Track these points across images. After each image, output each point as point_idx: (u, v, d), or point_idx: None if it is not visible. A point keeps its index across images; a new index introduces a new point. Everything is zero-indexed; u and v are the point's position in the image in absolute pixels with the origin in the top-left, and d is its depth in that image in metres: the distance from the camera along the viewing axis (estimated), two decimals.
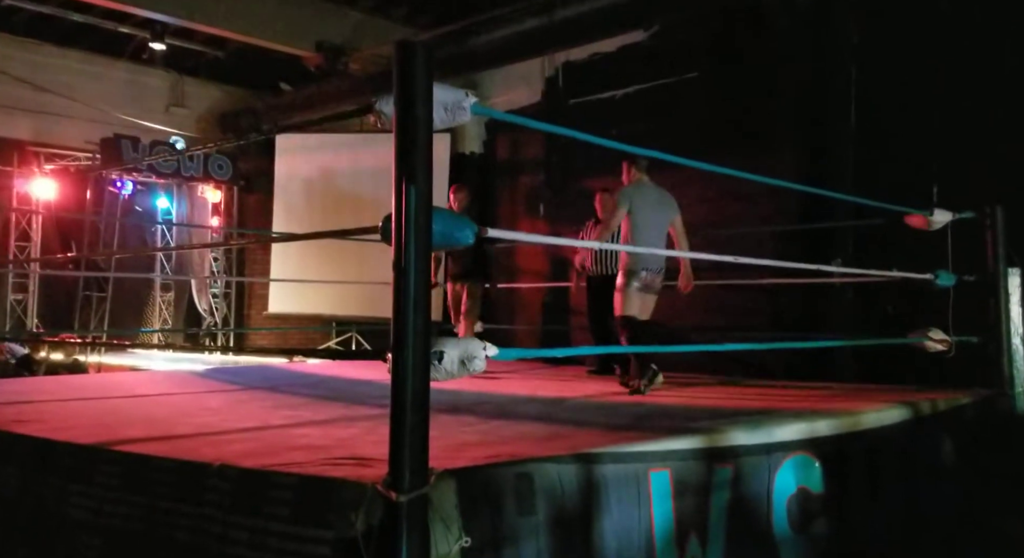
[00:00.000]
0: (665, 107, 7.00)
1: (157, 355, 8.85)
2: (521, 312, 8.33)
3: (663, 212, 4.76)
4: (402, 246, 1.96)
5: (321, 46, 8.50)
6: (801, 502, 2.88)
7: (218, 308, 10.66)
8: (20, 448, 2.85)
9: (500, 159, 8.78)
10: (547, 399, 4.24)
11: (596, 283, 5.82)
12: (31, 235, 9.38)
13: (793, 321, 6.24)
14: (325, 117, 3.37)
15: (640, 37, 7.33)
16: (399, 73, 2.01)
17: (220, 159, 10.14)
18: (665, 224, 4.76)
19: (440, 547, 1.87)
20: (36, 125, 9.20)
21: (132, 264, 10.69)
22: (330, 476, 2.03)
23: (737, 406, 3.80)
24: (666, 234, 4.78)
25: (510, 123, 8.01)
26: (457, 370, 2.03)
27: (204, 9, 7.89)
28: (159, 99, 10.26)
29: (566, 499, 2.20)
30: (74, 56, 9.45)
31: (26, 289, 9.38)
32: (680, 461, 2.54)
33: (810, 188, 4.69)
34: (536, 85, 8.21)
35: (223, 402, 4.18)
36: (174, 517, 2.29)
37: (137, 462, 2.46)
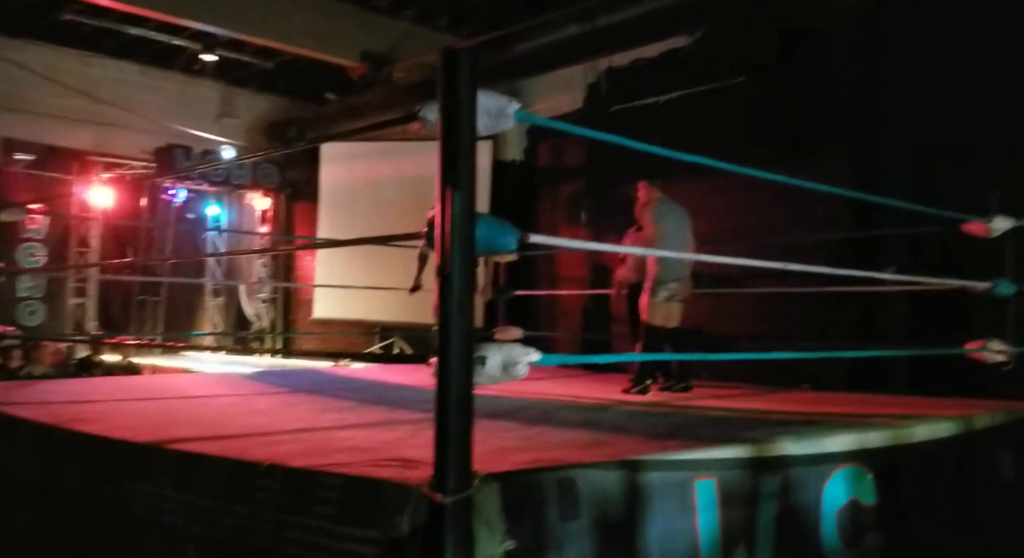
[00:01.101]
0: (710, 112, 6.93)
1: (208, 358, 9.07)
2: (562, 319, 8.31)
3: (686, 225, 5.07)
4: (446, 252, 1.98)
5: (366, 56, 8.64)
6: (852, 515, 2.82)
7: (266, 313, 10.87)
8: (81, 446, 2.95)
9: (541, 166, 8.79)
10: (589, 406, 4.23)
11: (636, 291, 5.78)
12: (90, 241, 9.70)
13: (844, 330, 6.10)
14: (371, 125, 3.47)
15: (684, 42, 7.27)
16: (444, 80, 2.03)
17: (268, 168, 10.37)
18: (689, 236, 5.07)
19: (484, 550, 1.87)
20: (95, 135, 9.54)
21: (184, 270, 10.98)
22: (376, 477, 2.06)
23: (784, 416, 3.73)
24: (688, 245, 5.03)
25: (551, 130, 8.01)
26: (500, 375, 2.04)
27: (254, 21, 8.09)
28: (210, 109, 10.53)
29: (610, 505, 2.19)
30: (130, 69, 9.77)
31: (85, 293, 9.70)
32: (726, 470, 2.51)
33: (863, 195, 4.59)
34: (578, 92, 8.20)
35: (271, 404, 4.26)
36: (224, 515, 2.34)
37: (190, 461, 2.53)
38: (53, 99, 9.10)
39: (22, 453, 3.28)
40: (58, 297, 9.46)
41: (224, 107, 10.64)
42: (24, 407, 3.70)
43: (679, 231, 4.98)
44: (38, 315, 9.14)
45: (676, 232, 4.93)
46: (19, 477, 3.26)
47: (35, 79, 8.92)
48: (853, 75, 6.25)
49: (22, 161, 9.22)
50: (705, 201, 6.76)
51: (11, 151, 9.13)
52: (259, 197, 10.70)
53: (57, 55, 9.19)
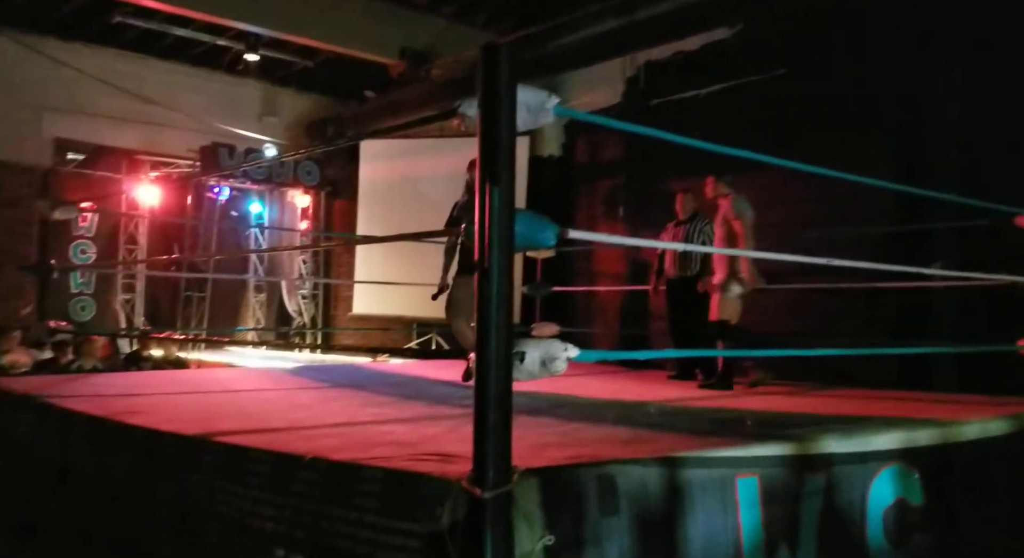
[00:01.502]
0: (751, 105, 6.83)
1: (251, 353, 9.24)
2: (599, 315, 8.28)
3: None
4: (485, 248, 1.98)
5: (405, 53, 8.70)
6: (898, 515, 2.76)
7: (306, 309, 11.03)
8: (132, 438, 3.03)
9: (579, 161, 8.75)
10: (627, 402, 4.20)
11: (676, 286, 5.72)
12: (138, 238, 9.95)
13: (890, 326, 5.97)
14: (410, 122, 3.56)
15: (725, 34, 7.16)
16: (483, 75, 2.04)
17: (309, 165, 10.51)
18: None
19: (524, 544, 1.88)
20: (143, 135, 9.78)
21: (228, 266, 11.20)
22: (416, 471, 2.08)
23: (828, 413, 3.67)
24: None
25: (589, 125, 7.96)
26: (538, 371, 2.04)
27: (295, 20, 8.20)
28: (253, 108, 10.72)
29: (650, 502, 2.17)
30: (176, 69, 9.99)
31: (134, 289, 9.96)
32: (769, 468, 2.47)
33: (910, 188, 4.48)
34: (616, 86, 8.15)
35: (312, 398, 4.33)
36: (269, 506, 2.39)
37: (237, 453, 2.58)
38: (103, 99, 9.35)
39: (76, 444, 3.38)
40: (107, 293, 9.73)
41: (266, 106, 10.82)
42: (77, 400, 3.82)
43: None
44: (89, 310, 9.41)
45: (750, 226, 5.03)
46: (73, 468, 3.37)
47: (86, 80, 9.18)
48: (897, 65, 6.10)
49: (73, 161, 9.50)
50: (747, 195, 6.67)
51: (63, 151, 9.41)
52: (300, 194, 10.85)
53: (107, 57, 9.44)
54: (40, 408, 3.78)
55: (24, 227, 8.62)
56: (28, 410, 3.87)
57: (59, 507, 3.46)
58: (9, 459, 4.00)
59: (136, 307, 9.93)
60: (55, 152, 9.32)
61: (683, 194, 5.86)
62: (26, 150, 9.07)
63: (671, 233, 5.81)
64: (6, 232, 7.77)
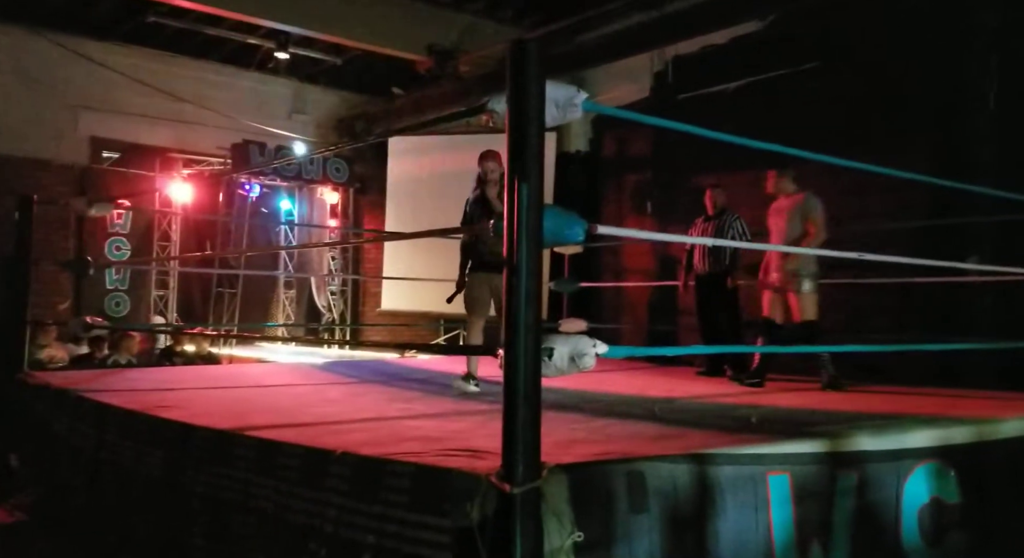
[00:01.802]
0: (781, 99, 6.73)
1: (281, 348, 9.34)
2: (627, 311, 8.23)
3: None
4: (514, 244, 1.98)
5: (432, 50, 8.71)
6: (934, 513, 2.72)
7: (335, 305, 11.13)
8: (166, 432, 3.09)
9: (606, 157, 8.70)
10: (655, 399, 4.18)
11: (705, 282, 5.67)
12: (171, 235, 10.11)
13: (923, 322, 5.86)
14: (439, 118, 3.56)
15: (755, 27, 7.07)
16: (512, 71, 2.03)
17: (337, 162, 10.58)
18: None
19: (553, 540, 1.88)
20: (175, 133, 9.92)
21: (259, 262, 11.32)
22: (446, 466, 2.09)
23: (861, 410, 3.62)
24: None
25: (616, 120, 7.92)
26: (567, 367, 2.04)
27: (325, 18, 8.25)
28: (282, 106, 10.82)
29: (680, 499, 2.16)
30: (208, 68, 10.11)
31: (167, 285, 10.13)
32: (800, 465, 2.45)
33: (946, 181, 4.39)
34: (644, 81, 8.09)
35: (342, 394, 4.37)
36: (299, 500, 2.41)
37: (268, 447, 2.62)
38: (137, 98, 9.51)
39: (111, 438, 3.45)
40: (141, 289, 9.90)
41: (296, 103, 10.92)
42: (112, 394, 3.90)
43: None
44: (123, 306, 9.59)
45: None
46: (108, 461, 3.44)
47: (121, 80, 9.34)
48: (933, 57, 5.97)
49: (108, 159, 9.68)
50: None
51: (99, 149, 9.59)
52: (329, 191, 10.94)
53: (141, 56, 9.59)
54: (76, 402, 3.86)
55: (61, 224, 8.82)
56: (65, 404, 3.96)
57: (95, 499, 3.53)
58: (46, 451, 4.10)
59: (169, 303, 10.09)
60: (91, 150, 9.50)
61: (713, 189, 5.81)
62: (63, 149, 9.26)
63: (700, 228, 5.76)
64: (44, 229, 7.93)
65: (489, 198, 4.55)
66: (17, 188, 6.93)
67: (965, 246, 5.47)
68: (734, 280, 5.60)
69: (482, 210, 4.58)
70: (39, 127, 9.07)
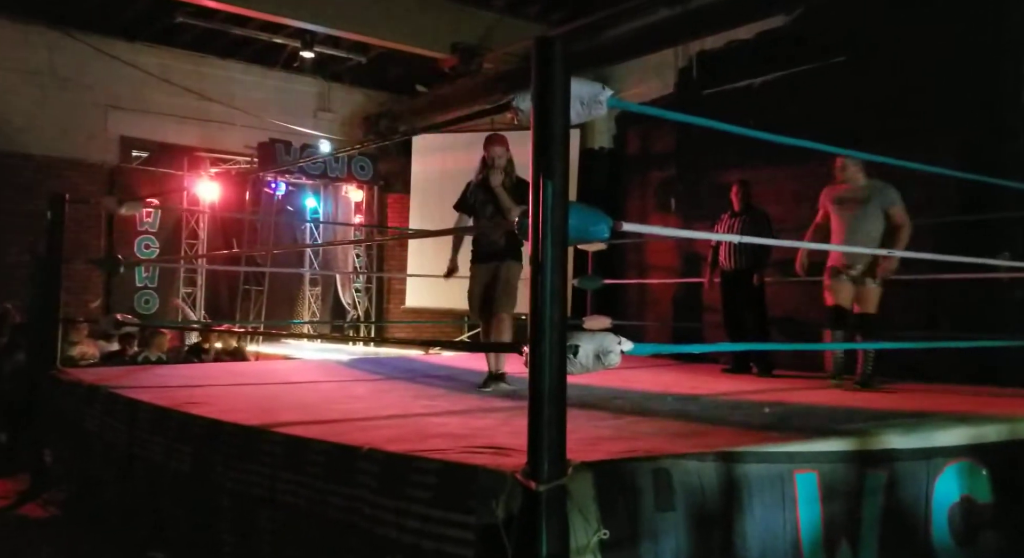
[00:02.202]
0: (808, 94, 6.66)
1: (307, 345, 9.42)
2: (651, 308, 8.20)
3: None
4: (539, 241, 1.98)
5: (456, 48, 8.72)
6: (965, 512, 2.68)
7: (360, 302, 11.20)
8: (194, 428, 3.13)
9: (630, 153, 8.67)
10: (681, 396, 4.16)
11: (731, 278, 5.62)
12: (199, 233, 10.24)
13: (952, 319, 5.77)
14: (463, 116, 3.58)
15: (781, 22, 6.99)
16: (537, 69, 2.03)
17: (362, 160, 10.64)
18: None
19: (579, 538, 1.88)
20: (202, 132, 10.05)
21: (285, 260, 11.43)
22: (471, 463, 2.10)
23: (890, 408, 3.57)
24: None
25: (640, 116, 7.87)
26: (592, 364, 2.04)
27: (349, 17, 8.30)
28: (308, 104, 10.91)
29: (706, 497, 2.15)
30: (235, 67, 10.23)
31: (195, 283, 10.27)
32: (828, 463, 2.42)
33: (978, 176, 4.31)
34: (668, 76, 8.04)
35: (367, 390, 4.40)
36: (327, 495, 2.44)
37: (296, 443, 2.65)
38: (166, 98, 9.65)
39: (142, 434, 3.51)
40: (170, 287, 10.04)
41: (321, 102, 11.00)
42: (143, 391, 3.96)
43: None
44: (152, 304, 9.73)
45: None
46: (139, 456, 3.49)
47: (149, 80, 9.48)
48: (963, 50, 5.87)
49: (138, 158, 9.83)
50: (803, 185, 6.51)
51: (128, 149, 9.73)
52: (354, 189, 11.00)
53: (170, 56, 9.72)
54: (108, 398, 3.93)
55: (92, 223, 8.96)
56: (97, 400, 4.03)
57: (126, 494, 3.60)
58: (78, 447, 4.17)
59: (197, 300, 10.22)
60: (120, 150, 9.65)
61: (739, 185, 5.75)
62: (94, 148, 9.42)
63: (726, 224, 5.71)
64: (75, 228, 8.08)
65: (492, 185, 4.42)
66: (49, 187, 7.07)
67: (996, 242, 5.38)
68: (761, 277, 5.55)
69: (485, 196, 4.47)
70: (70, 127, 9.23)
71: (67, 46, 9.11)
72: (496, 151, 4.39)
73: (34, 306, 5.78)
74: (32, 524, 3.99)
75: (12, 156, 8.75)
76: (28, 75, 8.96)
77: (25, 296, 6.82)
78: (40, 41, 9.01)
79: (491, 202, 4.46)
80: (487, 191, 4.47)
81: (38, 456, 4.62)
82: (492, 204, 4.47)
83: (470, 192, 4.60)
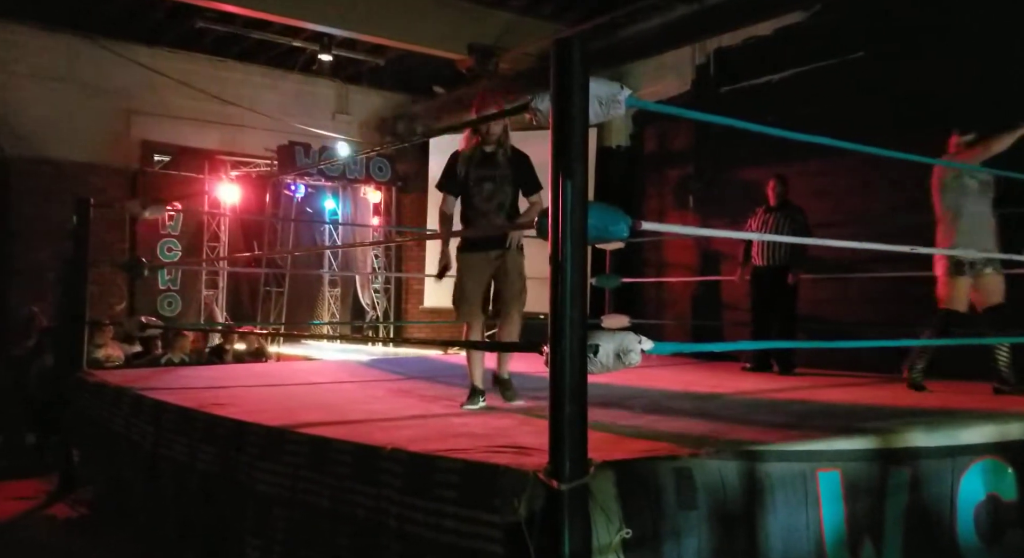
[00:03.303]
0: (827, 90, 6.60)
1: (327, 346, 9.48)
2: (670, 306, 8.17)
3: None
4: (559, 241, 1.99)
5: (473, 48, 8.74)
6: (991, 510, 2.66)
7: (379, 302, 11.26)
8: (220, 429, 3.17)
9: (648, 151, 8.64)
10: (701, 394, 4.15)
11: (764, 275, 5.55)
12: (220, 236, 10.34)
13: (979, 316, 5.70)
14: (481, 118, 3.35)
15: (800, 18, 6.94)
16: (556, 70, 2.04)
17: (380, 162, 10.70)
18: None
19: (601, 537, 1.89)
20: (223, 135, 10.15)
21: (305, 261, 11.52)
22: (494, 463, 2.11)
23: (913, 405, 3.54)
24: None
25: (658, 114, 7.83)
26: (612, 363, 2.04)
27: (367, 20, 8.35)
28: (326, 107, 10.98)
29: (728, 495, 2.15)
30: (254, 71, 10.32)
31: (216, 285, 10.37)
32: (851, 462, 2.41)
33: (1000, 171, 4.26)
34: (686, 74, 8.00)
35: (388, 390, 4.43)
36: (351, 495, 2.46)
37: (319, 444, 2.67)
38: (186, 102, 9.76)
39: (167, 435, 3.56)
40: (192, 289, 10.15)
41: (339, 104, 11.07)
42: (167, 392, 4.01)
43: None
44: (175, 306, 9.84)
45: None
46: (165, 455, 3.54)
47: (170, 84, 9.60)
48: (985, 43, 5.79)
49: (160, 162, 9.95)
50: (824, 182, 6.47)
51: (150, 153, 9.86)
52: (372, 190, 11.06)
53: (190, 61, 9.83)
54: (134, 400, 3.99)
55: (115, 227, 9.08)
56: (123, 402, 4.09)
57: (153, 494, 3.65)
58: (105, 448, 4.24)
59: (219, 302, 10.33)
60: (142, 154, 9.77)
61: (776, 180, 5.67)
62: (116, 153, 9.54)
63: (761, 219, 5.63)
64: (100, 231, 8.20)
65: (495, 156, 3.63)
66: (72, 192, 7.16)
67: (1021, 237, 5.30)
68: (796, 275, 5.49)
69: (482, 171, 3.68)
70: (94, 132, 9.36)
71: (89, 52, 9.24)
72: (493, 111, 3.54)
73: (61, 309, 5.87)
74: (61, 523, 4.06)
75: (36, 162, 8.88)
76: (51, 81, 9.10)
77: (51, 299, 6.94)
78: (62, 48, 9.14)
79: (490, 179, 3.68)
80: (485, 165, 3.68)
81: (66, 456, 4.69)
82: (491, 181, 3.69)
83: (459, 167, 3.74)
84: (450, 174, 3.79)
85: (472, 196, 3.76)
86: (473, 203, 3.75)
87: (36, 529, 3.98)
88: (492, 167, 3.69)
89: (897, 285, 5.79)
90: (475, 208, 3.73)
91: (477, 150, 3.72)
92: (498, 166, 3.68)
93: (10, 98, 8.85)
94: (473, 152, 3.73)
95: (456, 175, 3.76)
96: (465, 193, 3.78)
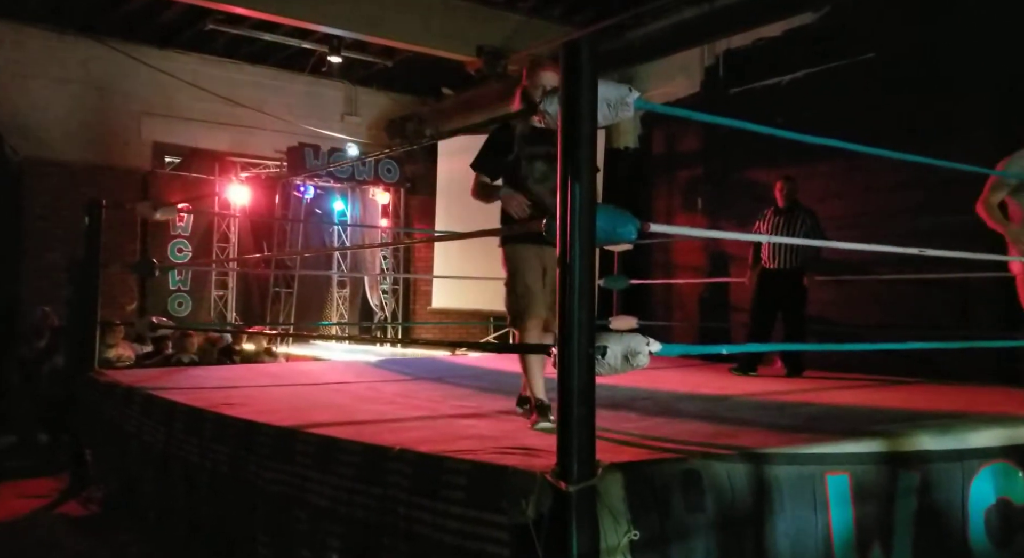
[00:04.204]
0: (837, 92, 6.58)
1: (336, 346, 9.52)
2: (678, 308, 8.16)
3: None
4: (567, 242, 2.00)
5: (481, 50, 8.76)
6: (1002, 514, 2.64)
7: (387, 303, 11.29)
8: (231, 429, 3.19)
9: (656, 153, 8.63)
10: (708, 396, 4.15)
11: (773, 277, 5.51)
12: (230, 237, 10.40)
13: (988, 319, 5.67)
14: (490, 120, 3.32)
15: (809, 19, 6.93)
16: (565, 72, 2.05)
17: (389, 163, 10.73)
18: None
19: (609, 539, 1.89)
20: (233, 137, 10.21)
21: (314, 262, 11.56)
22: (502, 464, 2.12)
23: (922, 408, 3.53)
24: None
25: (666, 116, 7.82)
26: (621, 365, 2.04)
27: (376, 22, 8.38)
28: (335, 109, 11.03)
29: (736, 498, 2.15)
30: (264, 73, 10.38)
31: (226, 286, 10.43)
32: (860, 465, 2.41)
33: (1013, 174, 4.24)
34: (695, 75, 8.00)
35: (396, 391, 4.44)
36: (359, 495, 2.47)
37: (328, 444, 2.69)
38: (197, 104, 9.82)
39: (178, 434, 3.58)
40: (202, 290, 10.21)
41: (348, 106, 11.12)
42: (178, 392, 4.04)
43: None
44: (186, 306, 9.91)
45: None
46: (176, 455, 3.56)
47: (181, 86, 9.66)
48: (998, 45, 5.76)
49: (170, 163, 10.01)
50: (834, 184, 6.45)
51: (161, 154, 9.92)
52: (380, 192, 11.10)
53: (200, 63, 9.90)
54: (145, 400, 4.01)
55: (127, 228, 9.14)
56: (134, 401, 4.12)
57: (164, 493, 3.67)
58: (117, 447, 4.27)
59: (229, 303, 10.38)
60: (153, 155, 9.84)
61: (784, 181, 5.62)
62: (128, 154, 9.61)
63: (770, 221, 5.59)
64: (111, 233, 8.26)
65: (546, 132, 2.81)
66: (84, 193, 7.21)
67: None
68: (810, 277, 5.45)
69: (536, 148, 3.11)
70: (104, 134, 9.43)
71: (100, 54, 9.31)
72: (549, 78, 3.08)
73: (73, 310, 5.91)
74: (72, 522, 4.09)
75: (48, 163, 8.95)
76: (63, 83, 9.17)
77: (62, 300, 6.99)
78: (74, 50, 9.22)
79: (542, 158, 3.08)
80: (536, 141, 3.09)
81: (78, 455, 4.73)
82: (544, 160, 3.08)
83: (515, 142, 3.16)
84: (495, 151, 3.21)
85: (525, 177, 3.15)
86: (526, 185, 3.14)
87: (47, 527, 4.02)
88: (544, 143, 3.01)
89: (906, 287, 5.77)
90: (527, 191, 3.11)
91: (526, 124, 3.17)
92: (551, 142, 2.75)
93: (22, 100, 8.92)
94: (523, 127, 3.18)
95: (503, 153, 3.17)
96: (513, 174, 3.18)
